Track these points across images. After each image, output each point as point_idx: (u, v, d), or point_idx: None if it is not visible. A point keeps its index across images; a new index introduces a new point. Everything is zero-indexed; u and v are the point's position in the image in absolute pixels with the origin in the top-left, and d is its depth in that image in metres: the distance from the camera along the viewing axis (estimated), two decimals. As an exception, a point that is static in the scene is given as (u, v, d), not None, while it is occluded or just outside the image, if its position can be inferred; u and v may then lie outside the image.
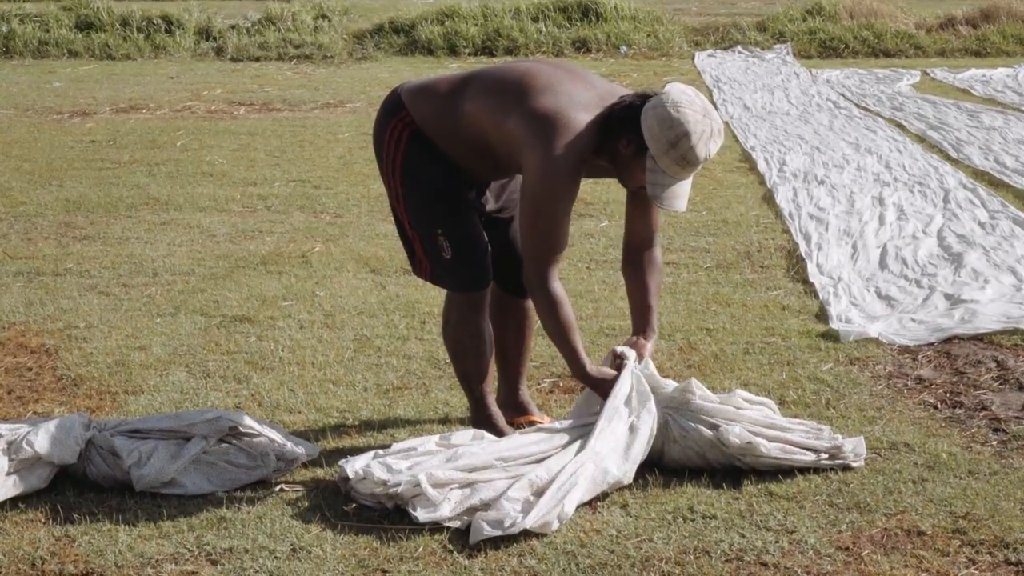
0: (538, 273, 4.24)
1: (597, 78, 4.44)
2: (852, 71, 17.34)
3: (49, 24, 20.17)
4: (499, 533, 3.84)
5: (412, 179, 4.46)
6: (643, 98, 4.19)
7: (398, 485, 4.02)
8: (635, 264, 4.53)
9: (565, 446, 4.21)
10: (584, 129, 4.16)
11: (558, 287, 4.26)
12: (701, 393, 4.36)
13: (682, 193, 4.19)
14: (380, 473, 4.06)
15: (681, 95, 4.13)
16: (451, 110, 4.37)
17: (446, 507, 3.94)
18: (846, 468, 4.33)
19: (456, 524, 3.92)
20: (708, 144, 4.12)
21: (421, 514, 3.93)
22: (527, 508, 3.92)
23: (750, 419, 4.33)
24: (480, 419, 4.63)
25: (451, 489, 4.01)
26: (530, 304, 4.74)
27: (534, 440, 4.25)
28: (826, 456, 4.31)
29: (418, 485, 3.98)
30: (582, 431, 4.27)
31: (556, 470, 4.06)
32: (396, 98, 4.52)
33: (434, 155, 4.42)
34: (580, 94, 4.26)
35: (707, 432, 4.27)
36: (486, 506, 3.95)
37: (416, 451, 4.23)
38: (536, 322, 4.81)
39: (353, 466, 4.14)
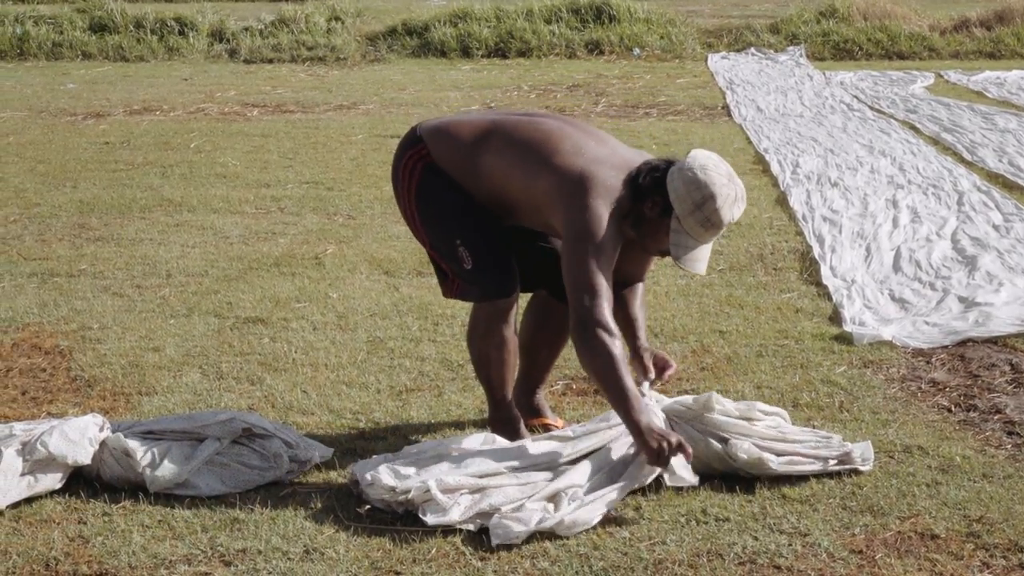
0: (591, 321, 4.12)
1: (619, 142, 4.48)
2: (866, 73, 17.31)
3: (63, 26, 20.22)
4: (529, 531, 3.84)
5: (426, 200, 4.50)
6: (668, 162, 4.25)
7: (408, 491, 4.02)
8: (619, 299, 4.46)
9: (576, 459, 4.20)
10: (616, 189, 4.20)
11: (613, 333, 4.12)
12: (720, 408, 4.34)
13: (703, 257, 4.23)
14: (388, 479, 4.07)
15: (707, 159, 4.19)
16: (472, 158, 4.41)
17: (455, 511, 3.95)
18: (857, 472, 4.32)
19: (469, 527, 3.92)
20: (732, 208, 4.16)
21: (430, 518, 3.94)
22: (547, 512, 3.93)
23: (760, 434, 4.31)
24: (499, 421, 4.63)
25: (461, 494, 4.02)
26: None
27: (544, 449, 4.24)
28: (834, 462, 4.31)
29: (428, 491, 3.99)
30: (594, 440, 4.25)
31: (580, 483, 4.07)
32: (412, 134, 4.58)
33: (448, 182, 4.47)
34: (607, 156, 4.30)
35: (716, 445, 4.27)
36: (497, 510, 3.95)
37: (426, 455, 4.24)
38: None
39: (363, 471, 4.15)
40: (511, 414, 4.64)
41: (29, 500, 4.16)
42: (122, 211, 8.79)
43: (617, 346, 4.11)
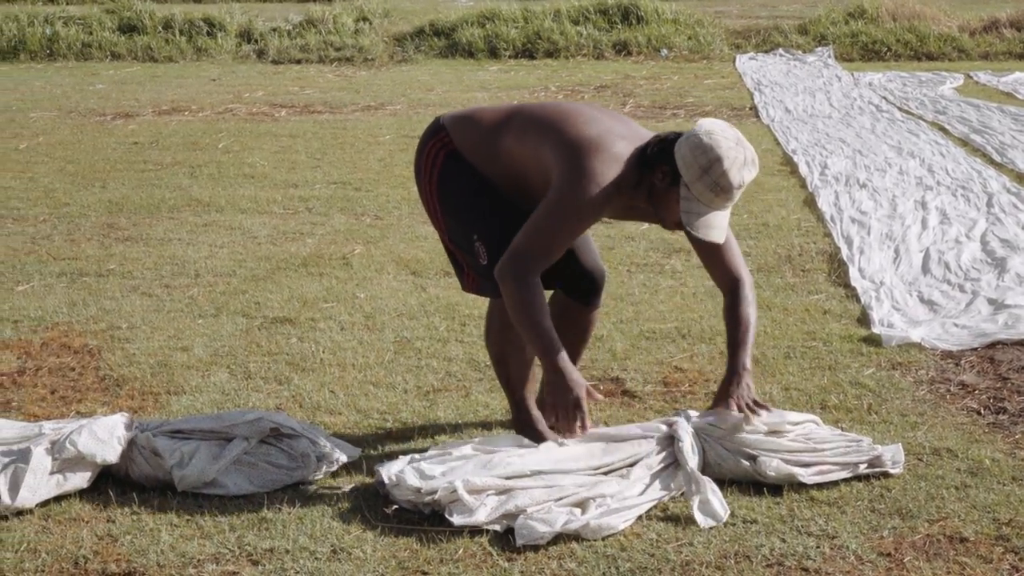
0: (520, 269, 4.18)
1: (635, 123, 4.49)
2: (894, 74, 17.23)
3: (92, 27, 20.31)
4: (554, 532, 3.84)
5: (447, 192, 4.51)
6: (677, 134, 4.24)
7: (433, 492, 4.02)
8: (726, 308, 4.41)
9: (607, 472, 4.19)
10: (624, 160, 4.20)
11: (536, 282, 4.20)
12: (750, 426, 4.31)
13: (718, 224, 4.16)
14: (413, 480, 4.07)
15: (713, 125, 4.17)
16: (493, 141, 4.43)
17: (482, 512, 3.95)
18: (886, 474, 4.30)
19: (496, 528, 3.92)
20: (742, 171, 4.10)
21: (457, 519, 3.94)
22: (573, 515, 3.93)
23: (788, 448, 4.28)
24: (521, 423, 4.64)
25: (488, 495, 4.02)
26: (594, 317, 4.75)
27: (572, 456, 4.23)
28: (864, 466, 4.29)
29: (455, 491, 3.99)
30: (624, 454, 4.24)
31: (609, 494, 4.06)
32: (436, 123, 4.61)
33: (469, 170, 4.47)
34: (621, 130, 4.31)
35: (744, 463, 4.24)
36: (523, 511, 3.94)
37: (452, 456, 4.24)
38: (591, 334, 4.82)
39: (388, 471, 4.15)
40: (531, 415, 4.64)
41: (58, 499, 4.18)
42: (151, 211, 8.82)
43: (540, 292, 4.18)
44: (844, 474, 4.26)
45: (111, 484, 4.28)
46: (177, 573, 3.73)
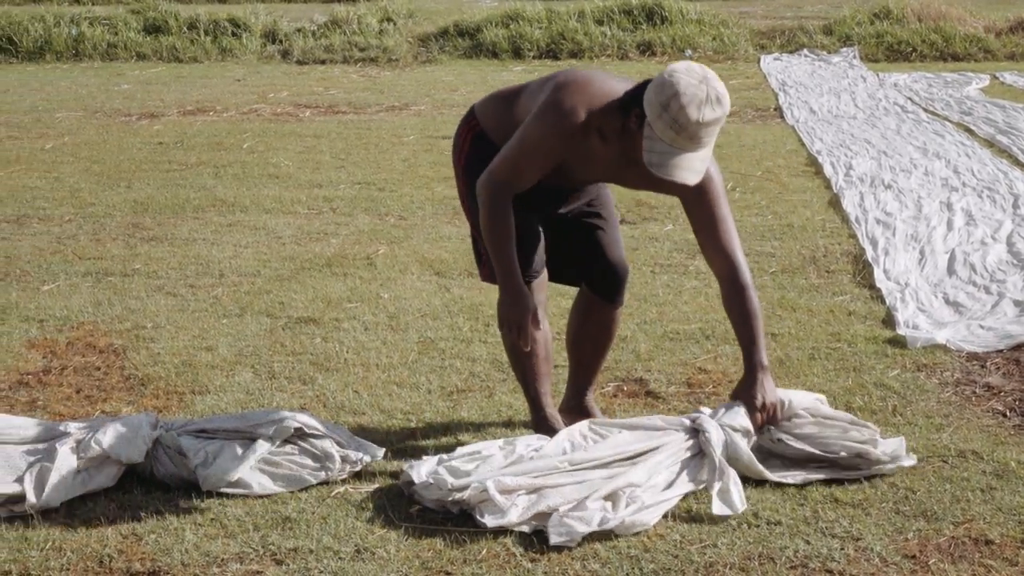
0: (492, 188, 4.33)
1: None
2: (920, 75, 17.16)
3: (118, 27, 20.36)
4: (590, 530, 3.84)
5: (473, 175, 4.54)
6: None
7: (464, 490, 4.02)
8: (726, 298, 4.40)
9: (632, 456, 4.19)
10: (607, 99, 4.22)
11: (506, 207, 4.32)
12: (779, 436, 4.32)
13: (686, 166, 4.09)
14: (447, 477, 4.07)
15: (681, 64, 4.14)
16: (508, 112, 4.50)
17: (513, 513, 3.94)
18: (910, 476, 4.29)
19: (524, 529, 3.92)
20: (702, 108, 4.02)
21: (489, 520, 3.93)
22: (608, 512, 3.93)
23: (795, 456, 4.32)
24: (536, 420, 4.64)
25: (518, 495, 4.01)
26: (616, 315, 4.75)
27: (600, 449, 4.23)
28: (844, 452, 4.26)
29: (485, 491, 3.98)
30: (647, 443, 4.23)
31: (637, 483, 4.06)
32: (470, 109, 4.71)
33: (494, 152, 4.48)
34: (617, 81, 4.36)
35: (759, 465, 4.25)
36: (555, 511, 3.94)
37: (480, 455, 4.24)
38: (615, 334, 4.82)
39: (419, 471, 4.15)
40: (546, 413, 4.63)
41: (83, 497, 4.19)
42: (175, 211, 8.85)
43: (507, 217, 4.31)
44: (831, 446, 4.27)
45: (136, 483, 4.29)
46: (201, 572, 3.74)
